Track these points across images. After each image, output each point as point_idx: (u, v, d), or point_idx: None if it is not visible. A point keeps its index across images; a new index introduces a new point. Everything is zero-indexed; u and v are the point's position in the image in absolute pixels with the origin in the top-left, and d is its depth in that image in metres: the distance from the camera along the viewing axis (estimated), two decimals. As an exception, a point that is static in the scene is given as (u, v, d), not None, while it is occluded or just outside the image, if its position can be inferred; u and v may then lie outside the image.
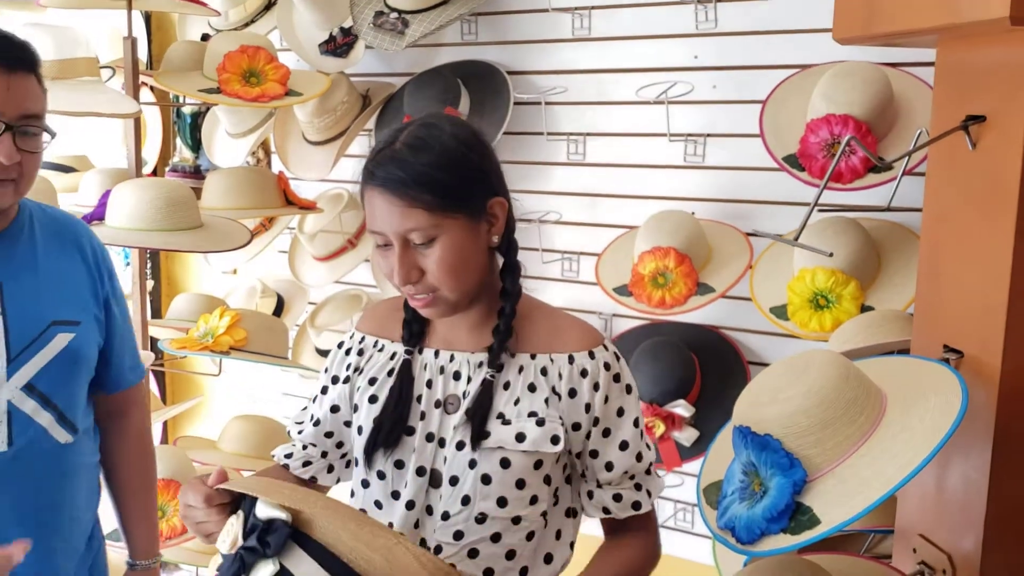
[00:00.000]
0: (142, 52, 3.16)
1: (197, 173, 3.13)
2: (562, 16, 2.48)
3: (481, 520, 1.29)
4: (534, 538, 1.33)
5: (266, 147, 3.16)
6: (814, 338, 1.98)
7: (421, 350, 1.36)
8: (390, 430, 1.31)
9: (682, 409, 2.17)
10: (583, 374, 1.30)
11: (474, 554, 1.30)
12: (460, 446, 1.28)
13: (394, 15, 2.55)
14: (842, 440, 1.10)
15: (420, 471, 1.30)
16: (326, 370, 1.44)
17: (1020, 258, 1.12)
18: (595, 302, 2.49)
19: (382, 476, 1.33)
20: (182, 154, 3.21)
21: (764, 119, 2.08)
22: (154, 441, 1.91)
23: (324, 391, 1.43)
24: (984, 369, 1.18)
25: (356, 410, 1.37)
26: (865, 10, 1.29)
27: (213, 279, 3.40)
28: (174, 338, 2.61)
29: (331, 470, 1.45)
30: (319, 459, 1.44)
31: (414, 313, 1.35)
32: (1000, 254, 1.14)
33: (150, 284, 3.28)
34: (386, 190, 1.22)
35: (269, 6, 2.95)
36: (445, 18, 2.47)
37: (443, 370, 1.33)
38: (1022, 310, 1.13)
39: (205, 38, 2.96)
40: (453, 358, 1.34)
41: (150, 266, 3.36)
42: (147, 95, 2.94)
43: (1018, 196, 1.11)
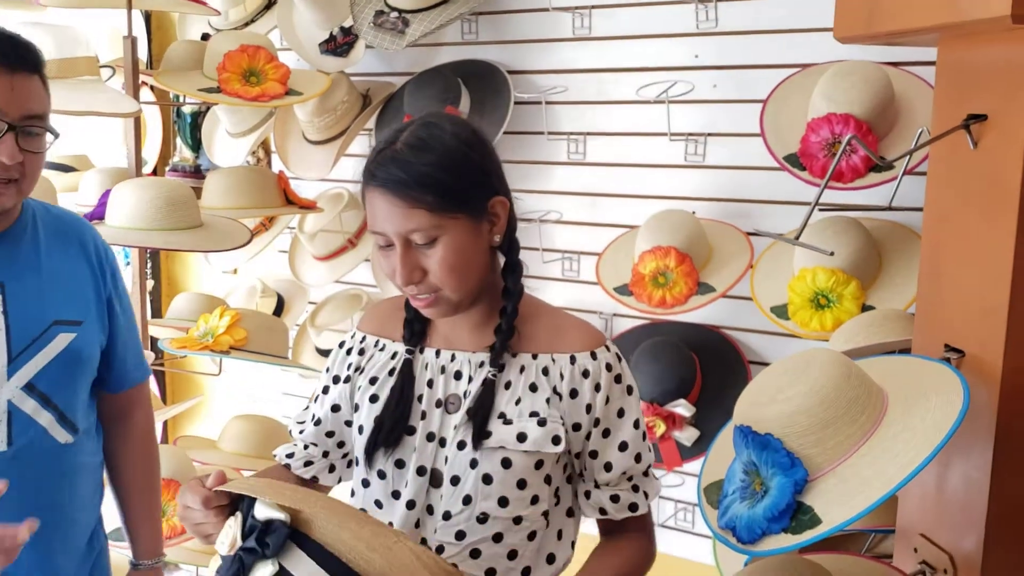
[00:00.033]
0: (142, 51, 3.16)
1: (197, 172, 3.13)
2: (562, 15, 2.47)
3: (482, 520, 1.28)
4: (536, 538, 1.32)
5: (266, 146, 3.16)
6: (815, 338, 1.97)
7: (422, 349, 1.36)
8: (391, 429, 1.31)
9: (683, 409, 2.16)
10: (585, 375, 1.30)
11: (476, 554, 1.30)
12: (461, 446, 1.28)
13: (394, 14, 2.55)
14: (843, 439, 1.10)
15: (421, 471, 1.30)
16: (327, 369, 1.44)
17: (1021, 257, 1.12)
18: (595, 302, 2.49)
19: (383, 475, 1.33)
20: (182, 153, 3.20)
21: (765, 118, 2.08)
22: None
23: (325, 390, 1.43)
24: (985, 368, 1.17)
25: (357, 409, 1.37)
26: (866, 9, 1.28)
27: (213, 279, 3.40)
28: (174, 338, 2.61)
29: (332, 470, 1.45)
30: (320, 459, 1.43)
31: (415, 312, 1.34)
32: (1001, 253, 1.14)
33: (150, 284, 3.28)
34: (388, 191, 1.21)
35: (269, 5, 2.95)
36: (445, 17, 2.47)
37: (444, 369, 1.33)
38: (1023, 310, 1.13)
39: (205, 37, 2.96)
40: (454, 357, 1.34)
41: (150, 266, 3.36)
42: (147, 94, 2.93)
43: (1019, 195, 1.11)
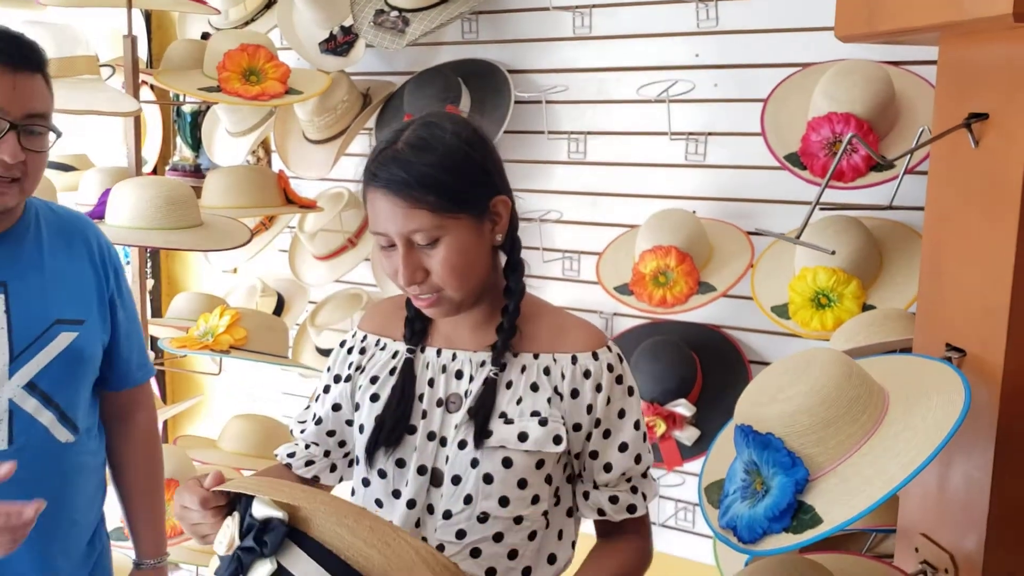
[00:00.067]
0: (142, 50, 3.16)
1: (197, 172, 3.13)
2: (563, 15, 2.47)
3: (483, 519, 1.28)
4: (536, 538, 1.32)
5: (266, 146, 3.16)
6: (815, 337, 1.97)
7: (423, 348, 1.36)
8: (392, 428, 1.31)
9: (683, 408, 2.16)
10: (586, 375, 1.30)
11: (476, 553, 1.30)
12: (462, 445, 1.28)
13: (394, 13, 2.55)
14: (844, 439, 1.10)
15: (421, 470, 1.30)
16: (328, 369, 1.43)
17: (1022, 256, 1.12)
18: (596, 301, 2.49)
19: (383, 475, 1.33)
20: (182, 153, 3.20)
21: (765, 117, 2.08)
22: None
23: (326, 390, 1.42)
24: (986, 368, 1.17)
25: (358, 408, 1.37)
26: (867, 8, 1.28)
27: (213, 278, 3.40)
28: (174, 337, 2.61)
29: (334, 469, 1.45)
30: (321, 458, 1.43)
31: (416, 312, 1.34)
32: (1003, 252, 1.14)
33: (150, 283, 3.28)
34: (389, 191, 1.21)
35: (269, 4, 2.95)
36: (445, 16, 2.47)
37: (445, 369, 1.33)
38: (1024, 309, 1.13)
39: (205, 36, 2.95)
40: (455, 357, 1.33)
41: (150, 265, 3.35)
42: (147, 94, 2.93)
43: (1021, 194, 1.11)
